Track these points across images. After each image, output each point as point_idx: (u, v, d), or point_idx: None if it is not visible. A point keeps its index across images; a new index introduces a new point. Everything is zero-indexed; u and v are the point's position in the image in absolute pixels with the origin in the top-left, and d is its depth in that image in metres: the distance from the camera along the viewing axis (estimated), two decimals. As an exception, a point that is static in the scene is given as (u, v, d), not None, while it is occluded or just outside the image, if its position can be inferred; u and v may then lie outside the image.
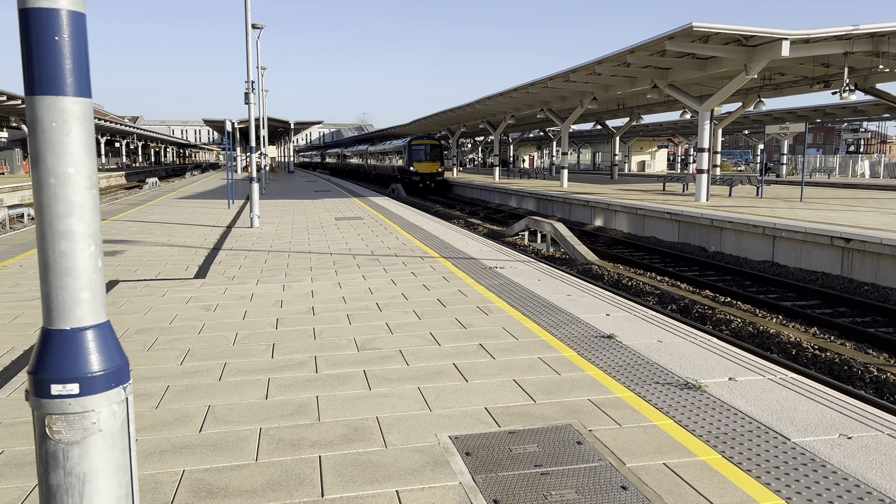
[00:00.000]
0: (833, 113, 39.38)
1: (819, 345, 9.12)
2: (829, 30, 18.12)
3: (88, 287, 1.95)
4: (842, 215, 17.09)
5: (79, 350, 1.91)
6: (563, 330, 6.22)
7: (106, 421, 1.92)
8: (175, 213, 19.18)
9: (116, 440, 1.95)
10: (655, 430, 3.99)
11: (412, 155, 43.15)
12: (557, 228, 17.66)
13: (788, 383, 4.76)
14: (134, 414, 2.08)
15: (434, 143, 44.01)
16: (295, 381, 4.90)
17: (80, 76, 1.90)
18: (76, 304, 1.93)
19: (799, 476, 3.39)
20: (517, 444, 3.81)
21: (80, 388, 1.88)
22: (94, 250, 1.96)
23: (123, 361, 2.01)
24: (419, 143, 43.91)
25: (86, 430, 1.88)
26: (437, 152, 43.76)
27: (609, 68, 23.44)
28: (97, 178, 1.94)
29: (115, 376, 1.95)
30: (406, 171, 43.43)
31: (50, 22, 1.83)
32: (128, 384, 2.02)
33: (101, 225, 15.51)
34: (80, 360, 1.90)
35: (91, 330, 1.96)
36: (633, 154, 66.93)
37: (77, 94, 1.90)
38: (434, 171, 43.15)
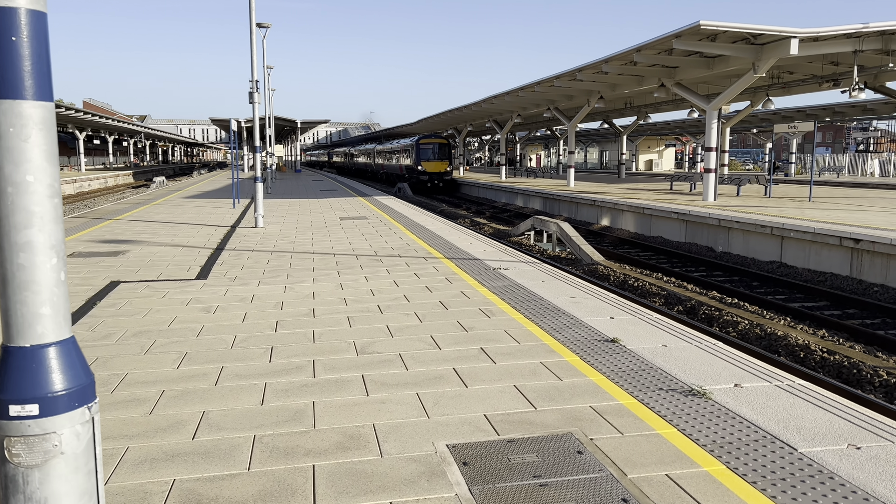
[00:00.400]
0: (842, 111, 39.05)
1: (828, 347, 8.98)
2: (838, 28, 17.93)
3: (50, 302, 1.86)
4: (851, 215, 16.90)
5: (39, 368, 1.82)
6: (565, 333, 6.12)
7: (69, 443, 1.83)
8: (180, 213, 19.16)
9: (80, 463, 1.86)
10: (658, 438, 3.89)
11: (420, 154, 42.66)
12: (563, 228, 17.54)
13: (795, 390, 4.65)
14: (100, 435, 1.99)
15: (442, 142, 43.52)
16: (292, 387, 4.82)
17: (40, 78, 1.81)
18: (37, 320, 1.84)
19: (806, 489, 3.28)
20: (516, 453, 3.72)
21: (41, 408, 1.79)
22: (56, 263, 1.86)
23: (88, 379, 1.91)
24: (427, 141, 43.37)
25: (47, 452, 1.79)
26: (445, 151, 43.21)
27: (616, 67, 23.28)
28: (59, 186, 1.84)
29: (78, 395, 1.86)
30: (414, 171, 43.00)
31: (7, 21, 1.74)
32: (93, 403, 1.93)
33: (105, 226, 15.45)
34: (41, 379, 1.81)
35: (53, 347, 1.87)
36: (641, 153, 66.61)
37: (37, 97, 1.80)
38: (442, 170, 42.61)
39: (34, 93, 1.80)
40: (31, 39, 1.78)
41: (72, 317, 6.90)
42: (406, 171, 44.98)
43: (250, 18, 16.08)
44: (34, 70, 1.79)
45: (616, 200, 22.46)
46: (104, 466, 3.58)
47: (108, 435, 3.99)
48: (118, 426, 4.13)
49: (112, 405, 4.48)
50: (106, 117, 57.22)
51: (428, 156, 42.68)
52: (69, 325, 1.90)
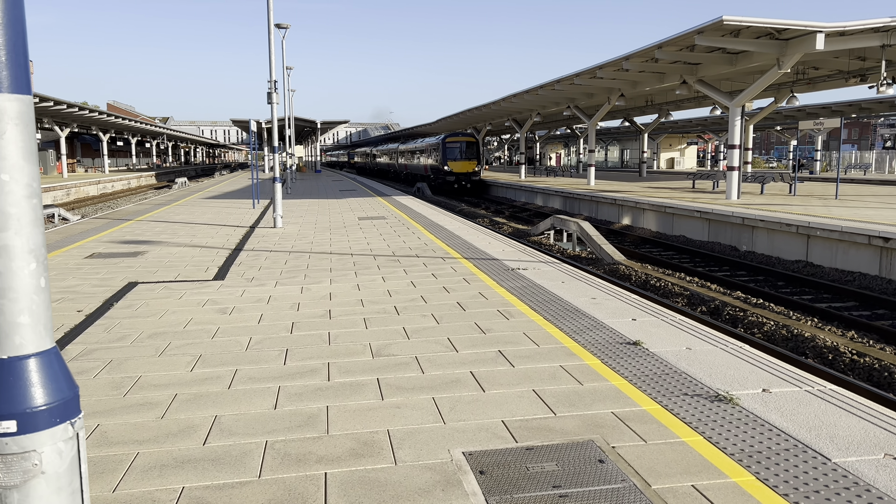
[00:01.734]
0: (868, 108, 38.30)
1: (857, 349, 8.72)
2: (865, 22, 17.51)
3: (29, 310, 1.74)
4: (880, 213, 16.50)
5: (17, 382, 1.70)
6: (586, 336, 5.97)
7: (50, 462, 1.72)
8: (200, 214, 19.23)
9: (63, 483, 1.75)
10: (683, 447, 3.73)
11: (446, 153, 40.33)
12: (584, 227, 17.33)
13: (827, 395, 4.46)
14: (86, 451, 1.89)
15: (470, 140, 41.10)
16: (306, 390, 4.72)
17: (16, 70, 1.68)
18: (14, 330, 1.72)
19: (841, 501, 3.11)
20: (535, 461, 3.58)
21: (19, 425, 1.67)
22: (35, 268, 1.75)
23: (72, 393, 1.80)
24: (454, 140, 40.96)
25: (26, 472, 1.68)
26: (472, 150, 40.89)
27: (637, 64, 22.98)
28: (38, 186, 1.73)
29: (60, 410, 1.74)
30: (439, 171, 40.82)
31: None
32: (76, 418, 1.81)
33: (126, 226, 15.54)
34: (19, 394, 1.70)
35: (33, 358, 1.75)
36: (662, 151, 65.93)
37: (12, 90, 1.68)
38: (470, 170, 40.27)
39: (9, 85, 1.68)
40: (6, 27, 1.66)
41: (88, 318, 6.89)
42: (431, 171, 42.89)
43: (269, 19, 16.07)
44: (9, 60, 1.67)
45: (637, 199, 22.18)
46: (113, 473, 3.51)
47: (119, 440, 3.93)
48: (129, 431, 4.06)
49: (124, 409, 4.42)
50: (129, 119, 57.85)
51: (455, 155, 40.41)
52: (50, 334, 1.78)
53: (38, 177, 1.73)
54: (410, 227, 14.84)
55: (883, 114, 42.36)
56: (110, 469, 3.55)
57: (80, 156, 76.33)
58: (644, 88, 27.28)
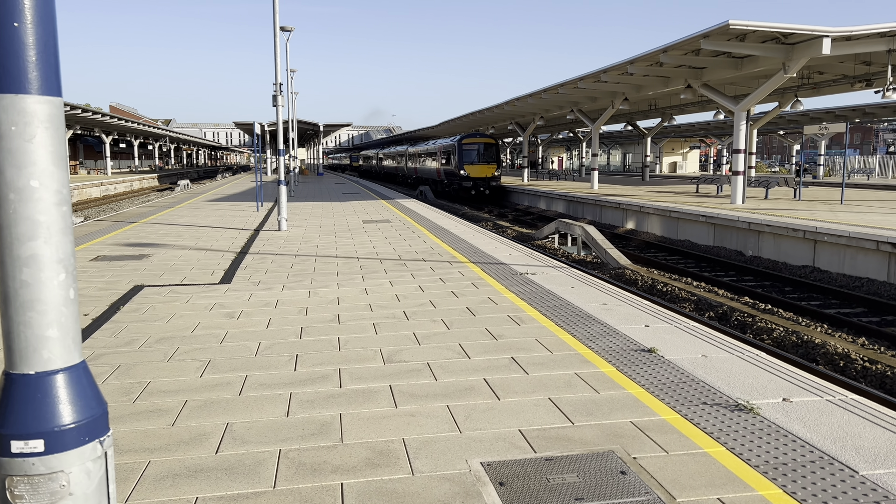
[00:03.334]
0: (872, 112, 38.23)
1: (869, 356, 8.64)
2: (871, 26, 17.46)
3: (57, 323, 1.66)
4: (886, 218, 16.42)
5: (45, 399, 1.63)
6: (599, 342, 5.90)
7: (78, 483, 1.64)
8: (204, 216, 19.17)
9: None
10: (706, 458, 3.66)
11: (463, 156, 36.39)
12: (588, 231, 17.26)
13: (849, 405, 4.38)
14: (114, 471, 1.82)
15: (489, 142, 37.14)
16: (318, 397, 4.65)
17: (47, 70, 1.61)
18: (42, 344, 1.64)
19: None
20: (555, 472, 3.51)
21: (46, 444, 1.60)
22: (65, 279, 1.68)
23: (101, 409, 1.72)
24: (471, 141, 36.97)
25: (53, 494, 1.60)
26: (492, 152, 36.97)
27: (641, 68, 22.93)
28: (68, 192, 1.67)
29: (89, 429, 1.67)
30: (455, 176, 36.85)
31: (8, 4, 1.54)
32: (106, 436, 1.73)
33: (130, 229, 15.47)
34: (47, 411, 1.62)
35: (61, 374, 1.67)
36: (665, 155, 65.89)
37: (42, 91, 1.61)
38: (489, 174, 36.40)
39: (39, 86, 1.61)
40: (36, 26, 1.59)
41: (96, 322, 6.82)
42: (445, 175, 38.94)
43: (274, 22, 16.03)
44: (39, 60, 1.60)
45: (641, 203, 22.10)
46: (126, 482, 3.44)
47: (130, 448, 3.85)
48: (140, 439, 3.99)
49: (134, 416, 4.35)
50: (132, 121, 57.86)
51: (472, 158, 36.42)
52: (79, 348, 1.71)
53: (67, 183, 1.66)
54: (415, 231, 14.77)
55: (886, 118, 42.32)
56: (122, 478, 3.48)
57: (82, 158, 76.37)
58: (648, 92, 27.22)
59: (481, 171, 36.33)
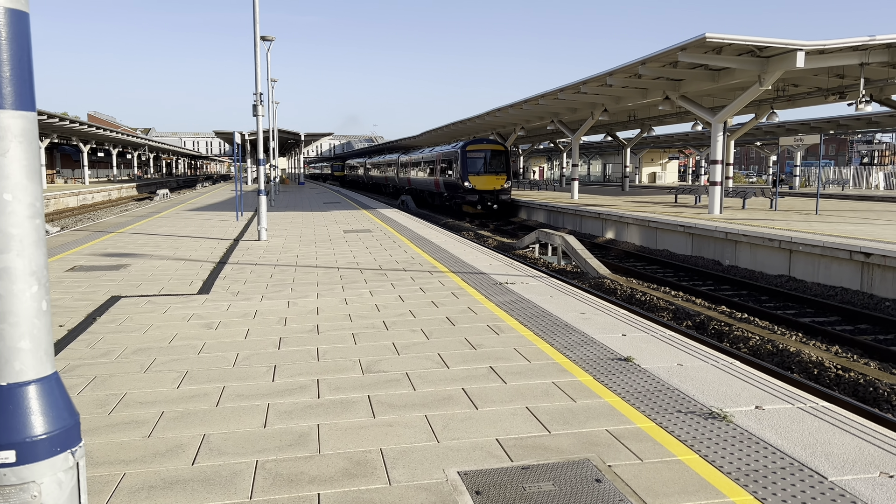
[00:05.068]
0: (847, 124, 38.95)
1: (842, 364, 8.78)
2: (844, 40, 17.82)
3: (30, 334, 1.68)
4: (860, 228, 16.72)
5: (17, 410, 1.63)
6: (577, 351, 5.95)
7: (49, 493, 1.65)
8: (183, 226, 19.04)
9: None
10: (680, 465, 3.71)
11: (466, 165, 31.92)
12: (568, 241, 17.38)
13: (820, 412, 4.46)
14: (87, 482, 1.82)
15: (498, 149, 32.73)
16: (295, 408, 4.65)
17: (21, 86, 1.63)
18: (14, 356, 1.65)
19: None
20: (531, 481, 3.54)
21: (18, 455, 1.60)
22: (37, 291, 1.69)
23: (73, 420, 1.74)
24: (477, 148, 32.47)
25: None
26: (501, 161, 32.51)
27: (620, 80, 23.20)
28: (42, 205, 1.68)
29: (60, 439, 1.68)
30: (457, 188, 32.29)
31: None
32: (78, 447, 1.75)
33: (107, 239, 15.31)
34: (18, 422, 1.63)
35: (33, 385, 1.69)
36: (644, 165, 66.55)
37: (16, 106, 1.63)
38: (498, 186, 31.75)
39: (13, 101, 1.63)
40: (11, 42, 1.61)
41: (71, 333, 6.75)
42: (446, 188, 34.35)
43: (255, 32, 16.02)
44: (14, 76, 1.62)
45: (621, 213, 22.31)
46: (100, 495, 3.41)
47: (105, 460, 3.82)
48: (115, 450, 3.96)
49: (109, 428, 4.32)
50: (110, 130, 57.35)
51: (478, 167, 32.00)
52: (52, 360, 1.72)
53: (41, 196, 1.67)
54: (396, 241, 14.79)
55: (860, 130, 43.11)
56: (96, 490, 3.45)
57: (59, 167, 75.51)
58: (627, 104, 27.52)
59: (489, 183, 31.87)
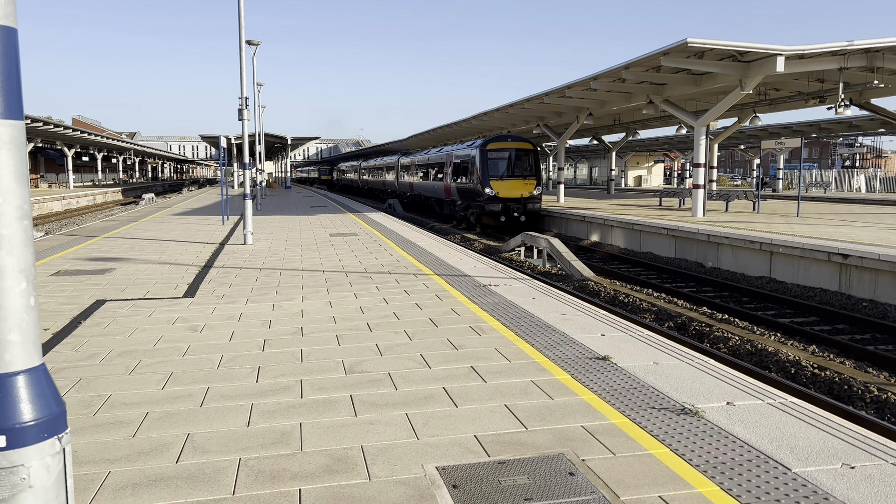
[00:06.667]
0: (828, 128, 39.46)
1: (818, 363, 8.97)
2: (823, 45, 18.12)
3: (18, 328, 1.78)
4: (839, 230, 16.99)
5: (7, 398, 1.74)
6: (556, 351, 6.07)
7: (38, 476, 1.76)
8: (169, 230, 19.03)
9: (50, 497, 1.79)
10: (651, 459, 3.83)
11: (487, 167, 26.34)
12: (553, 244, 17.54)
13: (788, 408, 4.61)
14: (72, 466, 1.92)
15: (525, 147, 27.16)
16: (279, 407, 4.73)
17: (10, 96, 1.74)
18: (4, 348, 1.76)
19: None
20: (507, 475, 3.65)
21: (7, 440, 1.71)
22: (26, 287, 1.80)
23: (59, 408, 1.85)
24: (500, 147, 26.80)
25: (14, 486, 1.71)
26: (529, 162, 27.00)
27: (604, 84, 23.43)
28: (29, 208, 1.78)
29: (48, 426, 1.79)
30: (475, 195, 26.84)
31: None
32: (64, 433, 1.86)
33: (93, 243, 15.28)
34: (8, 409, 1.74)
35: (22, 375, 1.80)
36: (630, 169, 67.01)
37: (5, 115, 1.74)
38: (527, 193, 26.22)
39: (3, 111, 1.74)
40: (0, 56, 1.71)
41: (56, 336, 6.80)
42: (461, 195, 28.70)
43: (240, 36, 16.08)
44: (3, 88, 1.73)
45: (606, 216, 22.51)
46: (85, 492, 3.49)
47: (90, 459, 3.90)
48: (100, 450, 4.03)
49: (94, 428, 4.39)
50: (95, 134, 57.05)
51: (501, 170, 26.45)
52: (39, 352, 1.83)
53: (28, 199, 1.77)
54: (382, 244, 14.88)
55: (841, 133, 43.64)
56: (81, 488, 3.53)
57: (43, 171, 74.95)
58: (612, 108, 27.78)
59: (515, 189, 26.27)
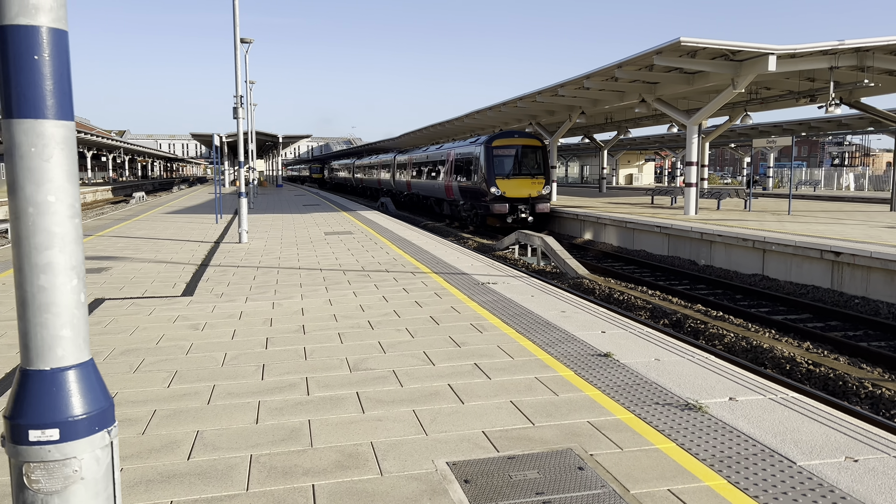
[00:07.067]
0: (818, 126, 39.74)
1: (813, 360, 9.07)
2: (815, 45, 18.27)
3: (70, 324, 1.82)
4: (830, 228, 17.15)
5: (59, 392, 1.78)
6: (558, 348, 6.13)
7: (89, 468, 1.79)
8: (162, 229, 18.97)
9: (100, 488, 1.82)
10: (658, 453, 3.89)
11: (493, 164, 25.09)
12: (547, 242, 17.61)
13: (790, 403, 4.68)
14: (119, 458, 1.95)
15: (532, 144, 25.93)
16: (286, 405, 4.76)
17: (62, 98, 1.78)
18: (57, 343, 1.80)
19: (808, 502, 3.30)
20: (517, 470, 3.70)
21: (61, 433, 1.75)
22: (77, 284, 1.84)
23: (108, 403, 1.88)
24: (506, 144, 25.59)
25: (67, 478, 1.75)
26: (536, 159, 25.75)
27: (597, 82, 23.51)
28: (80, 206, 1.82)
29: (98, 419, 1.83)
30: (480, 195, 25.62)
31: (29, 40, 1.71)
32: (112, 427, 1.89)
33: (87, 241, 15.24)
34: (61, 403, 1.77)
35: (73, 370, 1.83)
36: (621, 167, 67.24)
37: (58, 116, 1.78)
38: (534, 193, 25.00)
39: (56, 112, 1.78)
40: (53, 58, 1.76)
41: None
42: (463, 195, 27.60)
43: (234, 34, 16.05)
44: (56, 89, 1.77)
45: (599, 214, 22.61)
46: (98, 489, 3.51)
47: (101, 456, 3.91)
48: (111, 447, 4.05)
49: (103, 426, 4.39)
50: (84, 132, 56.67)
51: (507, 168, 25.23)
52: (88, 347, 1.86)
53: (78, 197, 1.81)
54: (378, 242, 14.90)
55: (831, 132, 44.00)
56: (95, 485, 3.54)
57: (32, 169, 74.31)
58: (604, 106, 27.88)
59: (521, 188, 25.03)
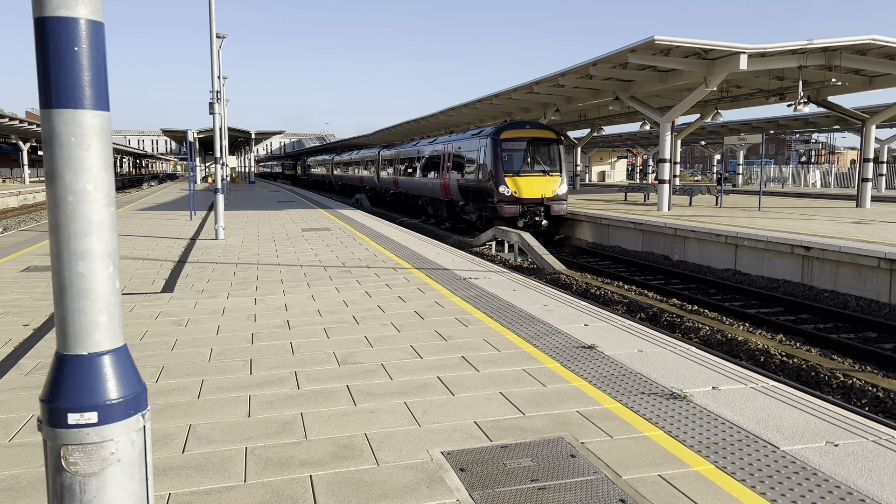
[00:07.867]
0: (786, 124, 40.53)
1: (786, 351, 9.30)
2: (784, 44, 18.66)
3: (107, 310, 1.86)
4: (800, 224, 17.54)
5: (97, 376, 1.82)
6: (543, 341, 6.22)
7: (125, 450, 1.82)
8: (136, 225, 18.73)
9: (135, 470, 1.85)
10: (647, 441, 4.00)
11: (501, 159, 22.08)
12: (525, 238, 17.74)
13: (770, 391, 4.82)
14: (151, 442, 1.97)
15: (546, 136, 22.98)
16: (277, 398, 4.78)
17: (100, 88, 1.81)
18: (94, 328, 1.83)
19: (793, 485, 3.42)
20: (511, 458, 3.77)
21: (99, 416, 1.78)
22: (112, 271, 1.87)
23: (141, 387, 1.92)
24: (516, 136, 22.57)
25: (104, 460, 1.78)
26: (551, 153, 22.85)
27: (572, 80, 23.72)
28: (115, 194, 1.85)
29: (133, 403, 1.86)
30: (485, 194, 22.61)
31: (69, 31, 1.74)
32: (146, 411, 1.93)
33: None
34: (99, 387, 1.81)
35: (109, 355, 1.87)
36: (594, 164, 67.82)
37: (96, 107, 1.81)
38: (548, 193, 22.02)
39: (94, 102, 1.81)
40: (91, 49, 1.78)
41: (37, 332, 6.71)
42: (464, 195, 24.63)
43: (210, 30, 15.89)
44: (94, 80, 1.79)
45: (573, 211, 22.81)
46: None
47: (94, 451, 3.90)
48: (103, 442, 4.03)
49: (93, 421, 4.37)
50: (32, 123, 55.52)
51: (517, 163, 22.28)
52: (122, 333, 1.89)
53: (113, 186, 1.83)
54: (357, 239, 14.89)
55: (798, 130, 44.86)
56: (91, 479, 3.54)
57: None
58: (579, 104, 28.12)
59: (535, 188, 22.03)
